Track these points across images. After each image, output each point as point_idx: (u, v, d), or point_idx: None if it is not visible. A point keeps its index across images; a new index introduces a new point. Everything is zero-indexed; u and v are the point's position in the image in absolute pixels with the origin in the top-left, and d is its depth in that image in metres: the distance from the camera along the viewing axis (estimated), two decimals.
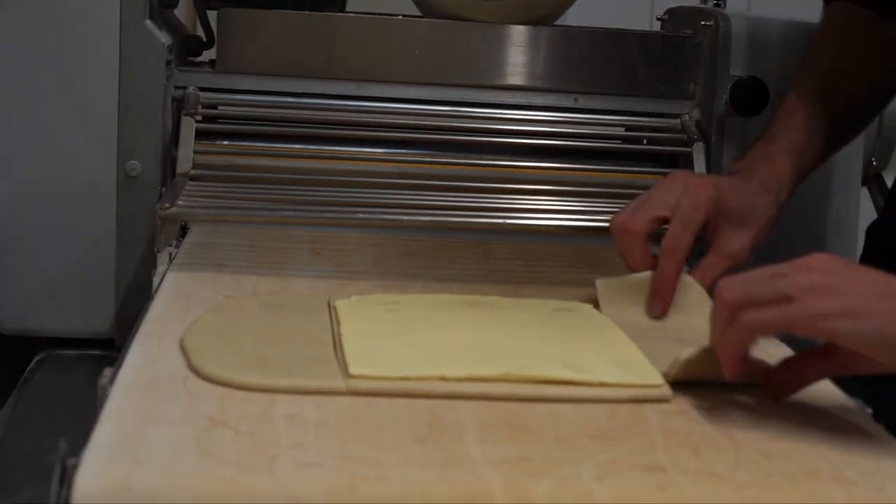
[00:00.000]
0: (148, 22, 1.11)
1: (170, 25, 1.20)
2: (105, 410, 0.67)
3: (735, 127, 1.22)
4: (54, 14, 1.10)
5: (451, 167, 1.20)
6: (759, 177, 1.00)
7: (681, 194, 0.94)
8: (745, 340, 0.72)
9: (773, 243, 1.18)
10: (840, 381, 0.79)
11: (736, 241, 0.96)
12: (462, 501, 0.60)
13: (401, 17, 1.24)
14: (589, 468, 0.64)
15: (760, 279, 0.72)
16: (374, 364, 0.75)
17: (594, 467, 0.64)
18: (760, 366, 0.77)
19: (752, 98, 1.19)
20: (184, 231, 1.10)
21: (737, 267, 0.96)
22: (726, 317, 0.71)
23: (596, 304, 0.93)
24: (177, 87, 1.17)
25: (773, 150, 1.03)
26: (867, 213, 1.28)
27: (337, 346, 0.79)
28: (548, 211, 1.14)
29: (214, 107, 1.20)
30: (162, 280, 0.95)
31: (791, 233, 1.22)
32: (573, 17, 1.37)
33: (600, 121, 1.23)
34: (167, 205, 1.04)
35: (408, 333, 0.82)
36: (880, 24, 1.07)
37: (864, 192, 1.36)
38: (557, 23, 1.27)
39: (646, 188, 1.25)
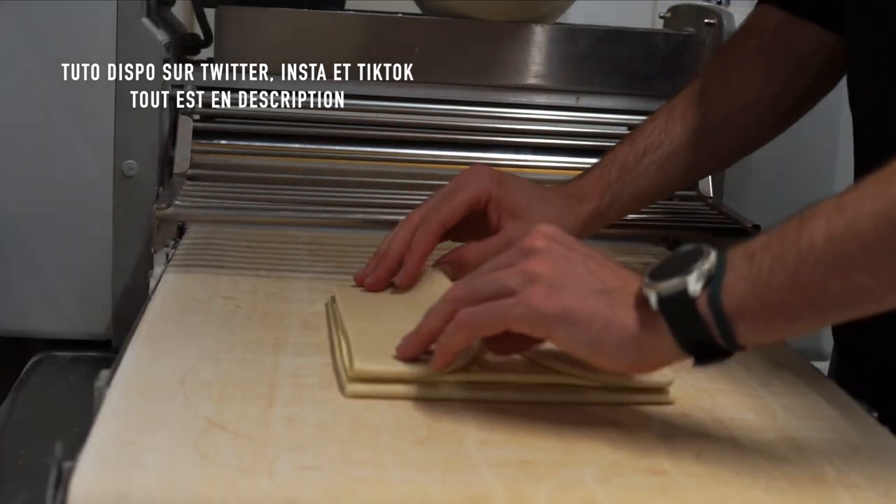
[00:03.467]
0: (145, 20, 1.11)
1: (167, 23, 1.20)
2: (101, 413, 0.66)
3: None
4: (51, 12, 1.09)
5: (451, 166, 1.20)
6: (560, 191, 0.97)
7: (455, 180, 0.93)
8: (461, 339, 0.70)
9: None
10: (845, 385, 0.79)
11: (516, 230, 0.91)
12: None
13: (401, 15, 1.23)
14: (591, 471, 0.64)
15: (485, 273, 0.70)
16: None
17: (596, 470, 0.64)
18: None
19: None
20: (181, 231, 1.09)
21: None
22: (446, 312, 0.70)
23: None
24: (174, 86, 1.17)
25: (595, 164, 0.99)
26: None
27: (339, 344, 0.78)
28: None
29: (212, 106, 1.19)
30: (159, 281, 0.95)
31: None
32: (575, 16, 1.37)
33: (602, 120, 1.23)
34: (164, 205, 1.03)
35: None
36: (792, 32, 0.97)
37: None
38: (559, 21, 1.27)
39: None
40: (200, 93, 1.17)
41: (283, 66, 1.19)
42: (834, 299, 0.62)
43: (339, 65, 1.20)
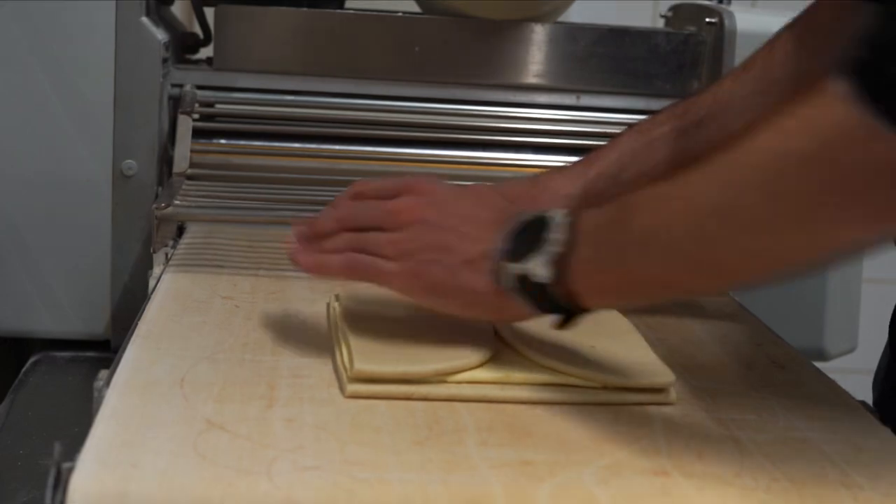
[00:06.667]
0: (144, 19, 1.11)
1: (166, 23, 1.19)
2: (101, 413, 0.66)
3: None
4: (50, 11, 1.09)
5: (451, 166, 1.19)
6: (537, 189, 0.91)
7: None
8: (338, 273, 0.78)
9: None
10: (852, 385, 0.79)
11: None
12: None
13: (400, 13, 1.23)
14: (591, 472, 0.63)
15: (368, 213, 0.78)
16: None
17: (597, 471, 0.63)
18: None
19: None
20: (180, 231, 1.09)
21: None
22: (331, 226, 0.78)
23: None
24: (173, 86, 1.17)
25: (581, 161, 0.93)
26: None
27: (339, 344, 0.78)
28: None
29: (212, 105, 1.19)
30: (158, 281, 0.94)
31: None
32: (576, 15, 1.36)
33: (603, 119, 1.22)
34: (163, 204, 1.03)
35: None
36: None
37: None
38: (560, 20, 1.27)
39: None
40: (200, 92, 1.17)
41: (282, 65, 1.19)
42: (659, 287, 0.69)
43: (339, 64, 1.20)
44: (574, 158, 1.19)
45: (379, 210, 0.77)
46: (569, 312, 0.72)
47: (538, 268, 0.70)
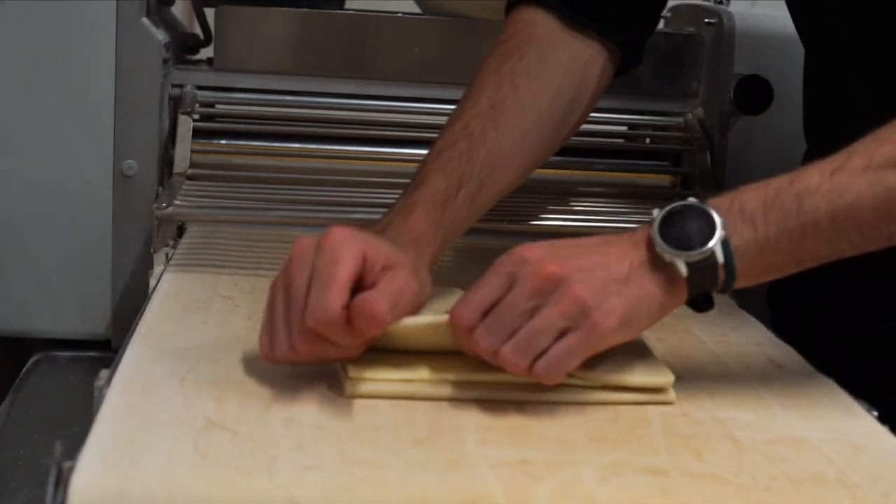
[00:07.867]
0: (144, 20, 1.11)
1: (167, 23, 1.20)
2: (101, 412, 0.66)
3: (739, 125, 1.21)
4: (50, 12, 1.09)
5: None
6: (394, 236, 0.82)
7: (317, 259, 0.78)
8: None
9: None
10: (845, 383, 0.79)
11: (399, 280, 0.76)
12: None
13: (400, 14, 1.23)
14: (591, 471, 0.63)
15: (502, 311, 0.71)
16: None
17: (596, 470, 0.64)
18: None
19: (756, 96, 1.19)
20: (181, 231, 1.09)
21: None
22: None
23: None
24: (174, 86, 1.17)
25: (412, 202, 0.86)
26: None
27: None
28: (548, 211, 1.13)
29: (212, 105, 1.19)
30: (159, 281, 0.95)
31: None
32: None
33: (602, 119, 1.23)
34: (164, 204, 1.03)
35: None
36: (571, 41, 0.96)
37: None
38: None
39: (648, 187, 1.25)
40: (200, 92, 1.17)
41: (282, 65, 1.19)
42: (820, 260, 0.75)
43: (339, 64, 1.20)
44: (571, 158, 1.20)
45: (514, 306, 0.70)
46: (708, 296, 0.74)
47: (718, 252, 0.72)
